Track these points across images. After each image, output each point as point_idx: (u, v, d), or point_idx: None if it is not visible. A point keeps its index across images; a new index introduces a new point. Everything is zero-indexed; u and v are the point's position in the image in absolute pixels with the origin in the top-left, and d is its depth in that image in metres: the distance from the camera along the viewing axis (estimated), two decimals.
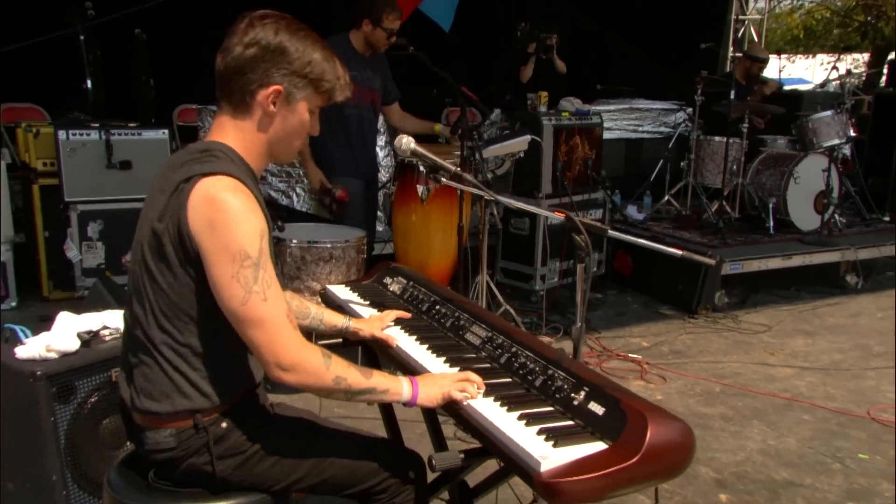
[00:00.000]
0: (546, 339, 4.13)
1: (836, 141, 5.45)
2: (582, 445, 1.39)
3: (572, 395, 1.53)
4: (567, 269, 4.77)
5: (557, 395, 1.56)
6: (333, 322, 1.94)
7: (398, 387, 1.55)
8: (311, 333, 1.88)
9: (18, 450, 2.35)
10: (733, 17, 11.61)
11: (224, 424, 1.55)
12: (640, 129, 7.22)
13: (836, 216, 5.57)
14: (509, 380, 1.67)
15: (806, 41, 18.38)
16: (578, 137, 4.76)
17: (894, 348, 4.22)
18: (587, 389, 1.52)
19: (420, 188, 3.59)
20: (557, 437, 1.41)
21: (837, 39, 16.78)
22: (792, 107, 6.10)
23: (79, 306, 3.54)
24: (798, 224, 5.35)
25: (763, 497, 2.72)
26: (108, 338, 2.38)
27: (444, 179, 1.98)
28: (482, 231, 3.56)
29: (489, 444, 1.48)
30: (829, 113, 5.42)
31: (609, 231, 1.90)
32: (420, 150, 1.96)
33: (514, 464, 1.40)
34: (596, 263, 5.05)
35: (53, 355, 2.28)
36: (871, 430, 3.27)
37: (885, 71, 10.14)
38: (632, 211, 5.92)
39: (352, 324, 1.94)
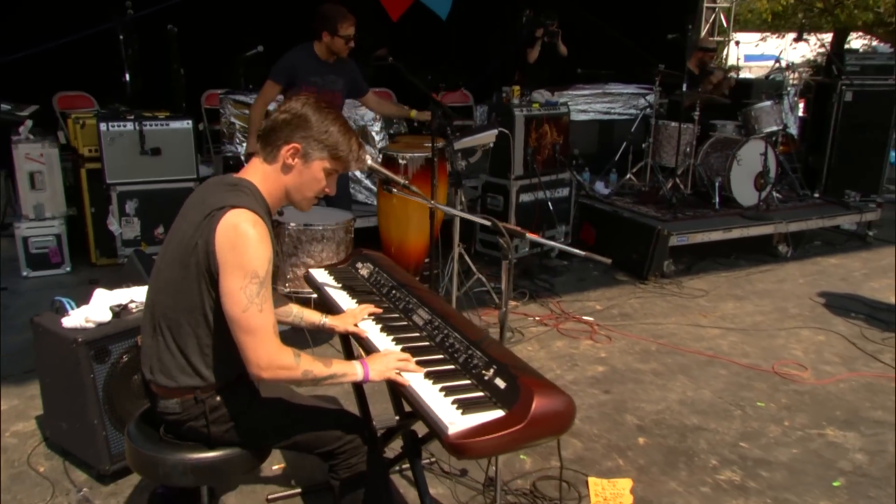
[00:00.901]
0: (512, 303, 4.33)
1: (774, 128, 5.52)
2: (484, 413, 1.59)
3: (483, 371, 1.73)
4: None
5: (473, 371, 1.75)
6: (312, 320, 2.14)
7: (353, 370, 1.75)
8: None
9: (67, 399, 2.60)
10: (705, 4, 11.45)
11: (218, 398, 1.78)
12: (612, 111, 7.23)
13: (774, 193, 5.67)
14: (440, 356, 1.87)
15: (775, 23, 17.99)
16: (547, 125, 4.87)
17: (808, 311, 4.40)
18: (495, 367, 1.72)
19: (399, 177, 3.74)
20: (466, 406, 1.61)
21: (801, 23, 16.42)
22: (742, 94, 6.12)
23: (119, 272, 3.77)
24: (740, 200, 5.45)
25: (673, 440, 2.93)
26: (134, 310, 2.60)
27: (394, 190, 2.14)
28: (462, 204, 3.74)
29: (416, 409, 1.69)
30: (768, 103, 5.48)
31: (527, 234, 2.08)
32: (375, 166, 2.12)
33: (431, 426, 1.61)
34: (563, 234, 5.21)
35: (91, 325, 2.52)
36: (772, 382, 3.46)
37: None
38: (599, 186, 6.04)
39: (328, 321, 2.12)
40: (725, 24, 11.67)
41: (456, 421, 1.56)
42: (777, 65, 6.52)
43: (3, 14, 7.09)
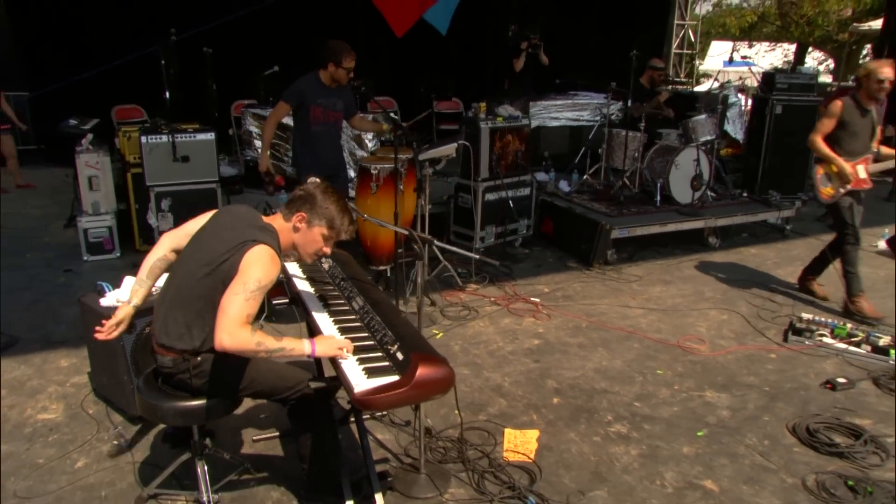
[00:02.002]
0: (473, 286, 4.62)
1: (709, 137, 5.70)
2: (383, 378, 1.93)
3: (390, 346, 2.05)
4: (502, 231, 5.22)
5: (384, 346, 2.08)
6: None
7: (301, 346, 2.08)
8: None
9: (105, 360, 2.98)
10: (675, 21, 11.44)
11: (199, 358, 2.14)
12: (582, 118, 7.41)
13: (708, 193, 5.86)
14: (364, 334, 2.20)
15: (745, 35, 17.84)
16: (510, 135, 5.10)
17: (720, 294, 4.63)
18: (399, 343, 2.04)
19: (372, 184, 4.05)
20: (371, 372, 1.94)
21: (765, 36, 16.35)
22: (688, 106, 6.27)
23: None
24: (678, 199, 5.66)
25: (581, 400, 3.23)
26: (154, 294, 2.95)
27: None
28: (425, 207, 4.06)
29: (337, 372, 2.03)
30: (703, 116, 5.65)
31: (434, 241, 2.38)
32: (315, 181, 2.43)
33: (344, 386, 1.95)
34: (525, 227, 5.48)
35: (121, 304, 2.88)
36: (674, 354, 3.73)
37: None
38: (563, 185, 6.27)
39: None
40: (693, 39, 11.68)
41: (361, 383, 1.90)
42: (716, 81, 6.62)
43: (71, 41, 7.50)
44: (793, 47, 16.49)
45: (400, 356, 1.98)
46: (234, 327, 1.97)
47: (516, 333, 3.94)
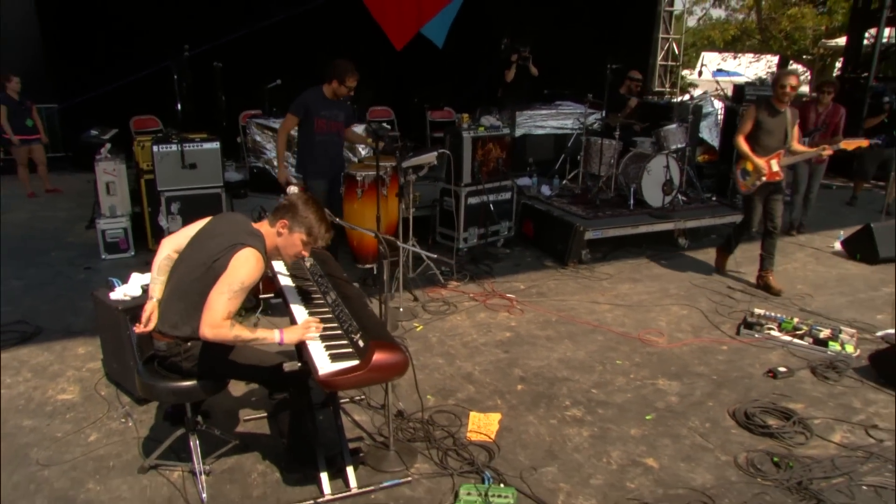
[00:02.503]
0: (454, 283, 4.78)
1: (681, 145, 5.82)
2: (346, 362, 2.10)
3: (353, 335, 2.22)
4: (483, 233, 5.38)
5: (349, 335, 2.25)
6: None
7: (273, 336, 2.27)
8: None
9: (114, 348, 3.17)
10: (660, 35, 11.52)
11: (189, 344, 2.32)
12: (566, 126, 7.54)
13: (679, 197, 5.97)
14: (334, 324, 2.37)
15: (730, 47, 17.91)
16: (491, 144, 5.25)
17: (683, 291, 4.76)
18: (361, 332, 2.21)
19: (357, 190, 4.22)
20: (335, 357, 2.12)
21: (749, 48, 16.45)
22: (661, 115, 6.39)
23: None
24: (650, 202, 5.77)
25: (543, 387, 3.37)
26: None
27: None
28: (406, 210, 4.22)
29: (305, 357, 2.20)
30: (674, 126, 5.76)
31: (398, 242, 2.55)
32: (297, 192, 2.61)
33: (311, 369, 2.12)
34: (507, 229, 5.63)
35: (128, 298, 3.08)
36: (634, 346, 3.87)
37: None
38: (545, 189, 6.40)
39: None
40: (677, 52, 11.74)
41: (325, 366, 2.08)
42: (689, 94, 6.74)
43: (95, 57, 7.74)
44: (776, 59, 16.55)
45: (361, 343, 2.15)
46: (217, 321, 2.16)
47: (490, 327, 4.10)
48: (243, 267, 2.21)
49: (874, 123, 6.68)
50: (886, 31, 8.23)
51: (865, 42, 8.31)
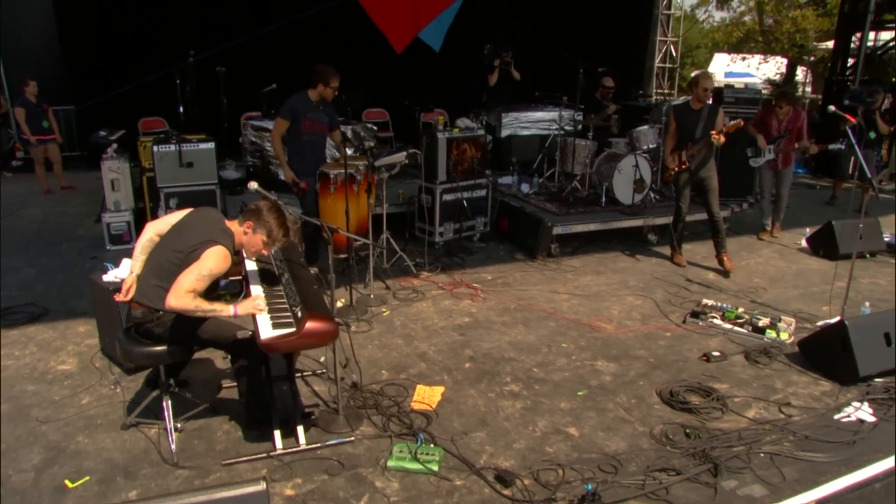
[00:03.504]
0: (425, 273, 5.13)
1: (652, 145, 6.10)
2: (285, 329, 2.48)
3: (295, 308, 2.60)
4: (458, 227, 5.72)
5: (292, 308, 2.63)
6: None
7: (228, 310, 2.65)
8: None
9: (108, 326, 3.59)
10: (658, 37, 11.74)
11: (161, 313, 2.72)
12: (551, 128, 7.83)
13: (652, 195, 6.24)
14: (283, 299, 2.75)
15: (734, 49, 17.98)
16: (466, 144, 5.59)
17: (642, 283, 5.04)
18: (302, 305, 2.59)
19: (330, 186, 4.59)
20: (276, 325, 2.50)
21: (758, 49, 16.52)
22: (637, 118, 6.66)
23: None
24: (622, 200, 6.06)
25: (489, 366, 3.71)
26: None
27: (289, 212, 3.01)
28: (374, 207, 4.57)
29: (254, 325, 2.58)
30: (645, 127, 6.05)
31: (347, 233, 2.91)
32: (261, 191, 3.00)
33: (255, 334, 2.50)
34: (483, 224, 5.97)
35: (118, 280, 3.50)
36: (582, 331, 4.18)
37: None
38: (524, 187, 6.72)
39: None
40: (675, 54, 11.95)
41: (267, 332, 2.46)
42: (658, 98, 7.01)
43: (109, 62, 8.28)
44: (785, 61, 16.59)
45: (299, 314, 2.52)
46: (181, 294, 2.56)
47: (452, 313, 4.44)
48: (213, 259, 2.64)
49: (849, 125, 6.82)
50: (872, 35, 8.35)
51: (853, 45, 8.44)
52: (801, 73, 16.52)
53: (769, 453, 2.93)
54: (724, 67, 21.10)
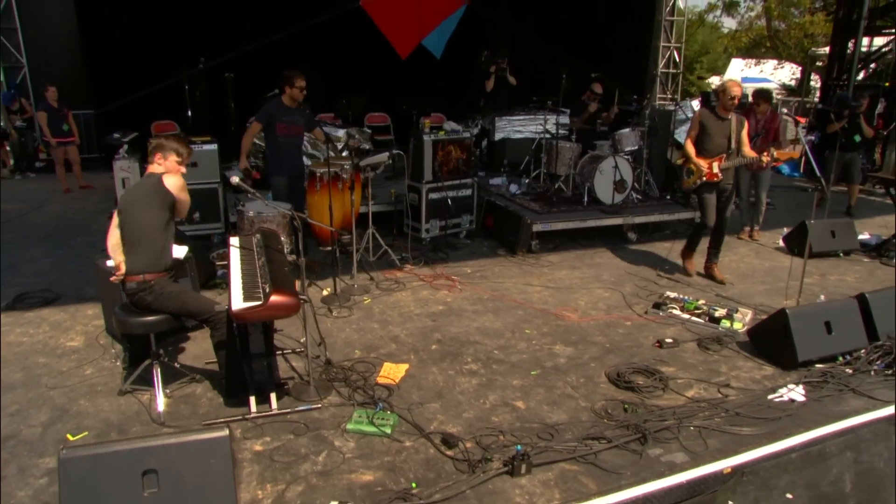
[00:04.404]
0: (409, 266, 5.51)
1: (633, 147, 6.40)
2: (253, 301, 2.88)
3: (264, 284, 3.00)
4: (444, 225, 6.09)
5: (262, 285, 3.03)
6: None
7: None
8: None
9: (112, 304, 4.02)
10: (661, 43, 11.99)
11: (153, 283, 3.15)
12: (542, 131, 8.16)
13: (634, 195, 6.54)
14: (256, 277, 3.15)
15: (745, 54, 18.10)
16: (451, 146, 5.97)
17: (614, 277, 5.34)
18: (270, 284, 2.99)
19: (316, 184, 5.01)
20: (246, 298, 2.90)
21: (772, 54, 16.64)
22: (622, 121, 6.96)
23: None
24: (603, 199, 6.37)
25: (454, 348, 4.06)
26: None
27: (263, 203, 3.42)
28: (362, 203, 4.97)
29: (228, 301, 2.99)
30: (627, 130, 6.35)
31: (311, 220, 3.31)
32: (241, 185, 3.41)
33: (229, 306, 2.91)
34: (468, 222, 6.33)
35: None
36: (548, 320, 4.50)
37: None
38: (513, 187, 7.07)
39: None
40: (678, 59, 12.18)
41: (238, 304, 2.87)
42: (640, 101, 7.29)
43: (125, 68, 8.89)
44: (800, 67, 16.71)
45: (267, 290, 2.93)
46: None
47: (428, 302, 4.81)
48: (173, 182, 3.23)
49: (835, 129, 7.05)
50: (865, 41, 8.52)
51: (849, 51, 8.62)
52: (816, 78, 16.59)
53: (698, 427, 3.23)
54: (739, 72, 21.20)
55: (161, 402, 3.29)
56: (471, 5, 10.59)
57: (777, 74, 17.64)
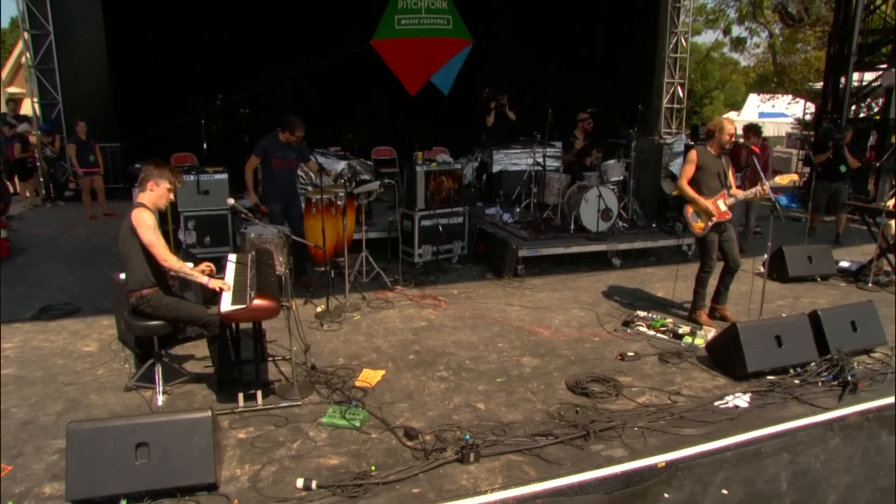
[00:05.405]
0: (399, 287, 6.00)
1: (618, 177, 6.87)
2: (239, 305, 3.40)
3: (251, 291, 3.52)
4: (436, 250, 6.59)
5: (249, 291, 3.55)
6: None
7: (203, 278, 3.61)
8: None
9: (123, 308, 4.63)
10: (665, 79, 12.55)
11: (149, 297, 3.70)
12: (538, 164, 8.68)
13: (620, 223, 6.96)
14: (246, 285, 3.68)
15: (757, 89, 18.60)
16: (443, 177, 6.52)
17: (591, 299, 5.73)
18: (256, 290, 3.51)
19: (312, 209, 5.58)
20: (234, 301, 3.42)
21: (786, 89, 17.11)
22: (610, 153, 7.45)
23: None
24: (589, 227, 6.80)
25: (429, 357, 4.49)
26: None
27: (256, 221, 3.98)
28: (355, 230, 5.51)
29: (219, 304, 3.52)
30: (612, 161, 6.84)
31: (291, 236, 3.85)
32: (236, 206, 3.99)
33: (218, 308, 3.43)
34: (460, 248, 6.82)
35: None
36: (521, 335, 4.91)
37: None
38: (506, 217, 7.56)
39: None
40: (682, 95, 12.70)
41: (226, 306, 3.39)
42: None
43: (149, 103, 9.79)
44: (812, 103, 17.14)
45: (252, 295, 3.45)
46: (164, 256, 3.60)
47: (413, 318, 5.28)
48: (137, 217, 3.64)
49: (822, 160, 7.41)
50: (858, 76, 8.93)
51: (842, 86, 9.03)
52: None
53: (642, 427, 3.60)
54: (756, 108, 21.62)
55: (160, 398, 3.80)
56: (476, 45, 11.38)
57: (792, 109, 18.02)
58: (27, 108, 13.00)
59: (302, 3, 10.21)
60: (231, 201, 4.05)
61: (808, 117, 17.99)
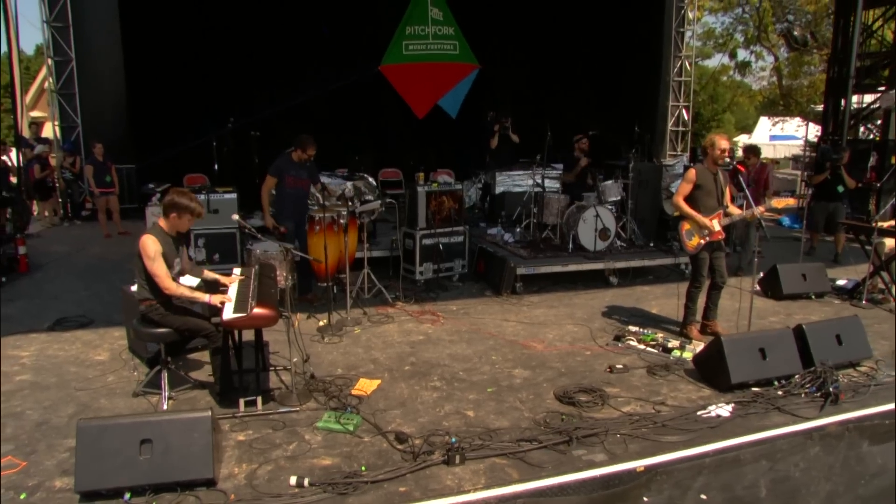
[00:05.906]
0: (400, 304, 6.23)
1: (616, 198, 7.10)
2: (240, 313, 3.66)
3: (252, 301, 3.79)
4: (437, 268, 6.83)
5: (249, 300, 3.82)
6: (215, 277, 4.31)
7: (205, 298, 3.89)
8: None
9: (133, 316, 4.91)
10: (670, 103, 12.83)
11: (157, 306, 3.98)
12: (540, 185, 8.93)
13: (618, 242, 7.17)
14: (248, 295, 3.95)
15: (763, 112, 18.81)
16: (444, 197, 6.80)
17: (587, 315, 5.91)
18: (257, 300, 3.77)
19: (315, 227, 5.89)
20: (236, 310, 3.69)
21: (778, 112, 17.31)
22: (609, 174, 7.70)
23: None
24: (586, 246, 7.02)
25: (424, 368, 4.71)
26: None
27: (259, 236, 4.27)
28: (357, 248, 5.80)
29: (219, 314, 3.79)
30: (610, 182, 7.08)
31: (294, 250, 4.13)
32: (241, 222, 4.29)
33: (222, 317, 3.70)
34: (460, 266, 7.06)
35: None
36: (514, 349, 5.11)
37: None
38: (507, 236, 7.80)
39: (222, 279, 4.31)
40: (687, 118, 12.97)
41: (228, 315, 3.66)
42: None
43: (163, 127, 10.27)
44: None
45: (252, 304, 3.71)
46: (165, 284, 3.84)
47: (411, 332, 5.50)
48: (142, 245, 3.88)
49: (819, 180, 7.59)
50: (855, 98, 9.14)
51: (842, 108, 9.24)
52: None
53: (624, 434, 3.77)
54: (767, 131, 21.81)
55: (166, 403, 4.05)
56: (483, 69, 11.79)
57: (802, 131, 18.19)
58: (48, 131, 13.65)
59: (311, 30, 10.72)
60: (236, 217, 4.35)
61: (814, 139, 18.19)
